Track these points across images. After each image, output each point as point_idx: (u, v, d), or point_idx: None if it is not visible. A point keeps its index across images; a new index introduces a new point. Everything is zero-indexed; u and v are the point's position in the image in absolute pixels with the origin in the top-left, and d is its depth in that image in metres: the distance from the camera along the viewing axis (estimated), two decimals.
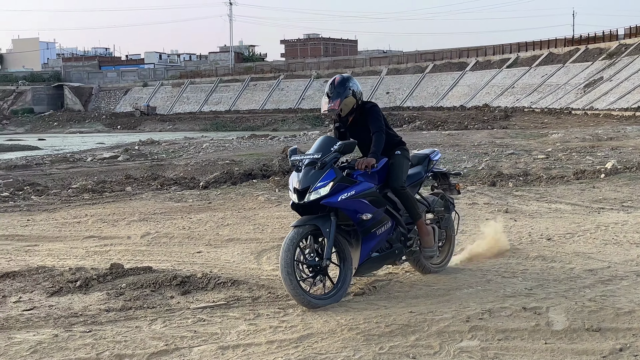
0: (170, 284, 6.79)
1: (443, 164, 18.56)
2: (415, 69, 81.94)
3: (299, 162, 6.18)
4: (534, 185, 13.59)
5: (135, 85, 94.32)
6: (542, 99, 62.75)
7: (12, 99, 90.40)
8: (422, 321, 5.44)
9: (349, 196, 6.04)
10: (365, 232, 6.17)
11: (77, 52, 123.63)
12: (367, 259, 6.26)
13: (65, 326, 5.70)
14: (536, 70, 70.37)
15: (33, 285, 7.01)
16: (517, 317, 5.46)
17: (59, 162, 26.81)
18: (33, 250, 9.07)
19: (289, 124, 65.49)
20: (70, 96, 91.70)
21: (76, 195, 14.23)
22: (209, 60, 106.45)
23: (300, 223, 6.04)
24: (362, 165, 6.21)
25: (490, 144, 25.24)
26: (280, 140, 35.35)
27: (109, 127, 73.89)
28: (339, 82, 6.55)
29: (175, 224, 10.56)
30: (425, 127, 46.95)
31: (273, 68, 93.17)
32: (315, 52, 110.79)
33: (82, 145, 43.23)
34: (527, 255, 7.53)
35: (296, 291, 5.80)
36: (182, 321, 5.76)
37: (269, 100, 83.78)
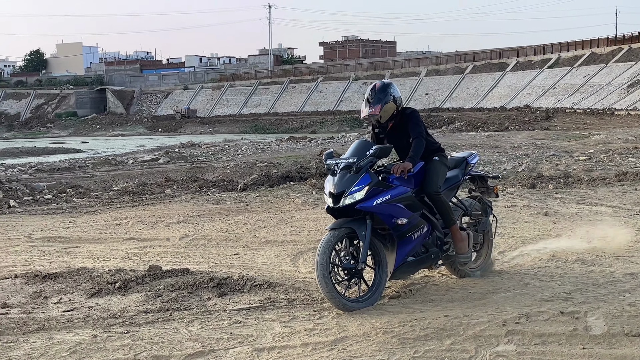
0: (207, 285, 6.85)
1: (482, 166, 18.44)
2: (454, 69, 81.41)
3: (334, 166, 6.19)
4: (575, 188, 13.40)
5: (176, 89, 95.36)
6: (584, 99, 61.82)
7: (56, 103, 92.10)
8: (457, 325, 5.40)
9: (384, 200, 6.03)
10: (400, 236, 6.15)
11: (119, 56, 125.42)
12: (403, 263, 6.24)
13: (104, 327, 5.79)
14: (578, 70, 69.37)
15: (73, 287, 7.14)
16: (554, 322, 5.39)
17: (101, 164, 27.24)
18: (74, 251, 9.23)
19: (328, 126, 65.59)
20: (112, 99, 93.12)
21: (117, 198, 14.44)
22: (249, 63, 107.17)
23: (336, 226, 6.05)
24: (398, 169, 6.18)
25: (530, 146, 24.96)
26: (318, 142, 35.43)
27: (150, 130, 74.86)
28: (380, 88, 6.51)
29: (213, 226, 10.65)
30: (465, 129, 46.55)
31: (312, 70, 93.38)
32: (354, 54, 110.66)
33: (124, 148, 43.89)
34: (566, 259, 7.43)
35: (331, 294, 5.80)
36: (218, 323, 5.81)
37: (308, 102, 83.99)
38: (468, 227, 7.00)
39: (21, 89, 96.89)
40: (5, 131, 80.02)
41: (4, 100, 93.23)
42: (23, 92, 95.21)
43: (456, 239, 6.62)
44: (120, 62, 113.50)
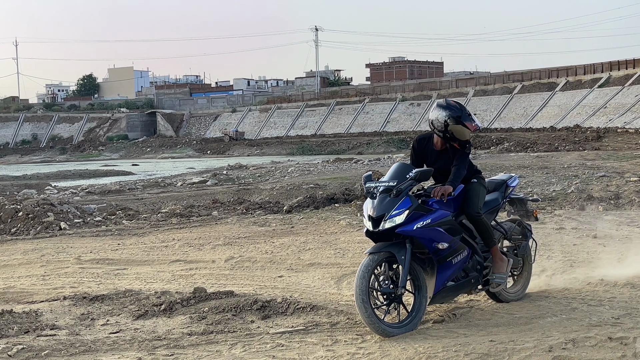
0: (251, 308, 6.88)
1: (531, 187, 18.22)
2: (502, 89, 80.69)
3: (373, 189, 6.14)
4: (626, 209, 13.12)
5: (224, 111, 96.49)
6: (637, 119, 60.56)
7: (107, 126, 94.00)
8: (502, 350, 5.32)
9: (425, 225, 5.98)
10: (440, 260, 6.09)
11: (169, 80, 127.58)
12: (443, 288, 6.18)
13: (148, 349, 5.85)
14: (629, 89, 68.06)
15: (120, 309, 7.23)
16: (602, 348, 5.28)
17: (151, 187, 27.70)
18: (122, 273, 9.38)
19: (374, 147, 65.56)
20: (162, 122, 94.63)
21: (165, 220, 14.63)
22: (296, 85, 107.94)
23: (375, 250, 6.00)
24: (439, 193, 6.14)
25: (580, 166, 24.56)
26: (364, 163, 35.41)
27: (199, 152, 75.80)
28: (464, 106, 6.52)
29: (258, 248, 10.71)
30: (513, 149, 46.08)
31: (358, 92, 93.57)
32: (401, 75, 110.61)
33: (173, 170, 44.51)
34: (615, 283, 7.27)
35: (371, 319, 5.75)
36: (261, 346, 5.83)
37: (354, 123, 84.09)
38: (508, 251, 6.91)
39: (74, 112, 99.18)
40: (59, 154, 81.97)
41: (58, 123, 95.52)
42: (76, 115, 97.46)
43: (496, 257, 6.56)
44: (170, 86, 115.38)
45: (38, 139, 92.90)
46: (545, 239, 10.02)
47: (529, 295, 7.03)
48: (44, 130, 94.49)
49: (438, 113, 6.41)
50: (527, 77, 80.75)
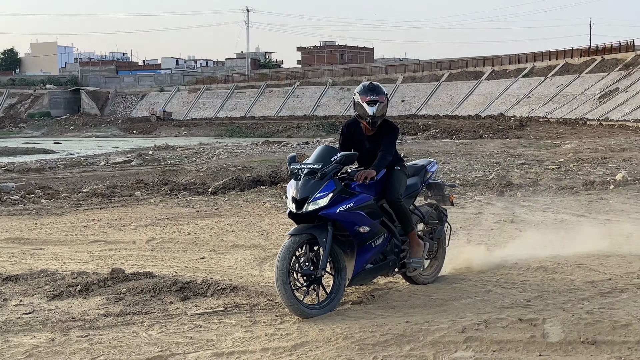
0: (170, 289, 6.81)
1: (454, 173, 18.57)
2: (431, 77, 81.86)
3: (298, 171, 6.13)
4: (543, 196, 13.52)
5: (151, 91, 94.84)
6: (558, 109, 62.47)
7: (29, 103, 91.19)
8: (417, 331, 5.42)
9: (348, 208, 6.01)
10: (361, 243, 6.15)
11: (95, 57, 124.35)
12: (361, 270, 6.24)
13: (62, 330, 5.73)
14: (552, 80, 70.07)
15: (34, 289, 7.05)
16: (513, 329, 5.43)
17: (72, 166, 27.01)
18: (38, 253, 9.13)
19: (304, 131, 65.56)
20: (87, 100, 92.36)
21: (85, 200, 14.32)
22: (226, 66, 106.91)
23: (297, 232, 6.02)
24: (362, 177, 6.17)
25: (502, 154, 25.14)
26: (293, 147, 35.41)
27: (124, 132, 74.36)
28: (377, 85, 6.55)
29: (181, 229, 10.60)
30: (439, 136, 46.84)
31: (289, 75, 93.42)
32: (332, 59, 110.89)
33: (97, 149, 43.54)
34: (528, 266, 7.49)
35: (290, 300, 5.77)
36: (178, 327, 5.78)
37: (284, 106, 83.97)
38: (424, 235, 7.05)
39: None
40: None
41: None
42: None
43: (413, 243, 6.67)
44: (95, 63, 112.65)
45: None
46: (464, 223, 10.25)
47: (446, 278, 7.19)
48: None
49: (353, 95, 6.60)
50: (455, 66, 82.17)
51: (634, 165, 19.04)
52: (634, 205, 11.94)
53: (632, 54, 66.53)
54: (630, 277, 6.97)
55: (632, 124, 46.29)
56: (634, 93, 56.27)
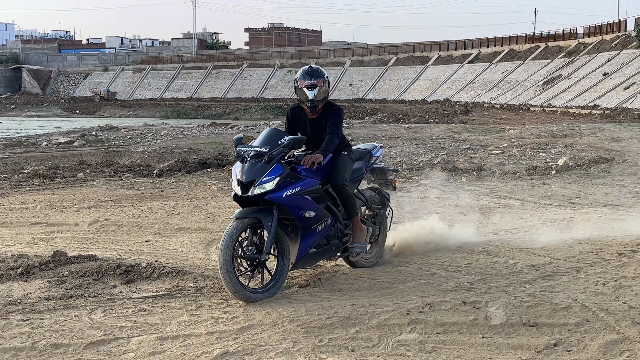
0: (113, 272, 6.71)
1: (400, 157, 18.71)
2: (378, 61, 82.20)
3: (244, 153, 6.07)
4: (486, 180, 13.73)
5: (95, 70, 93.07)
6: (502, 94, 63.44)
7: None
8: (363, 314, 5.46)
9: (294, 193, 5.99)
10: (305, 228, 6.13)
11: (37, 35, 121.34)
12: (305, 254, 6.24)
13: (2, 314, 5.60)
14: (497, 66, 71.10)
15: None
16: (456, 311, 5.52)
17: (13, 146, 26.30)
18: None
19: (251, 113, 65.21)
20: (28, 79, 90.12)
21: (26, 181, 13.97)
22: (172, 46, 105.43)
23: (242, 215, 5.95)
24: (309, 162, 6.14)
25: (447, 139, 25.41)
26: (240, 129, 35.16)
27: (67, 112, 72.77)
28: (316, 68, 6.54)
29: (125, 212, 10.44)
30: (387, 120, 47.10)
31: (236, 56, 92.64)
32: (280, 41, 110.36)
33: (39, 129, 42.49)
34: (472, 250, 7.61)
35: (235, 288, 5.74)
36: (122, 311, 5.71)
37: (232, 88, 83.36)
38: (367, 219, 7.08)
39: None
40: None
41: None
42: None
43: (356, 228, 6.68)
44: (37, 41, 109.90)
45: None
46: (409, 206, 10.33)
47: (391, 261, 7.24)
48: None
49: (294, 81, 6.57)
50: (402, 50, 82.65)
51: (576, 151, 19.46)
52: (575, 190, 12.22)
53: (575, 41, 67.94)
54: (570, 261, 7.13)
55: (574, 110, 47.35)
56: (576, 80, 57.50)
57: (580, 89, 54.93)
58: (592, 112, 44.77)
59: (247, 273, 6.01)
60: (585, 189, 12.34)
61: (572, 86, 56.81)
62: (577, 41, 67.81)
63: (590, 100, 50.49)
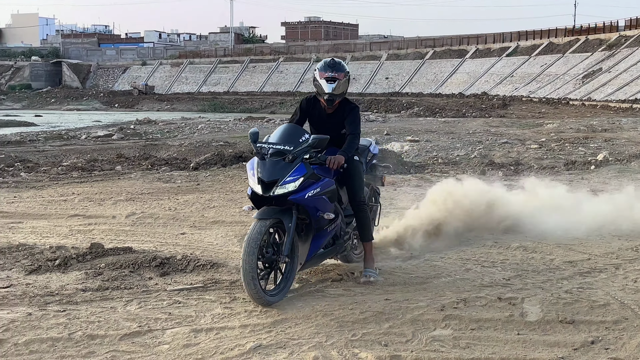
0: (149, 265, 6.77)
1: (437, 151, 18.59)
2: (415, 55, 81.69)
3: (264, 150, 5.80)
4: (524, 175, 13.55)
5: (134, 64, 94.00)
6: (541, 88, 62.64)
7: (9, 75, 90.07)
8: (396, 309, 5.44)
9: (315, 193, 5.76)
10: (319, 229, 5.91)
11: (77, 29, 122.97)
12: (314, 255, 6.00)
13: (40, 305, 5.68)
14: (536, 59, 70.19)
15: (12, 263, 6.99)
16: (491, 307, 5.46)
17: (53, 139, 26.76)
18: (17, 227, 9.03)
19: (287, 107, 65.26)
20: (68, 73, 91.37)
21: (65, 173, 14.17)
22: (209, 40, 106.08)
23: (264, 216, 5.66)
24: (334, 164, 5.90)
25: (485, 133, 25.21)
26: (275, 122, 35.26)
27: (106, 105, 73.69)
28: (338, 62, 6.33)
29: (162, 204, 10.53)
30: (422, 114, 46.89)
31: (273, 50, 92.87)
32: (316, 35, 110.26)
33: (79, 123, 43.12)
34: (508, 245, 7.52)
35: (258, 295, 5.50)
36: (157, 303, 5.75)
37: (268, 82, 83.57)
38: None
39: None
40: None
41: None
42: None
43: (370, 256, 6.41)
44: (77, 35, 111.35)
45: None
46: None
47: (424, 256, 7.17)
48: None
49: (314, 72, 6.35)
50: (439, 44, 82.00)
51: (615, 145, 19.15)
52: (615, 185, 11.99)
53: (616, 34, 66.74)
54: (609, 257, 7.02)
55: (614, 104, 46.57)
56: (617, 74, 56.53)
57: (621, 83, 54.00)
58: (632, 106, 44.00)
59: (264, 276, 5.72)
60: (625, 183, 12.09)
61: (612, 80, 55.87)
62: (618, 34, 66.58)
63: (631, 94, 49.61)
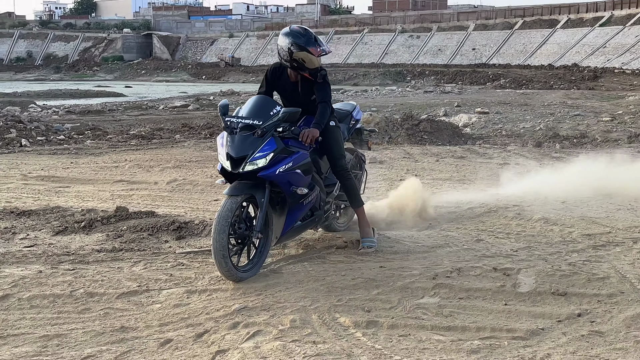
0: (167, 228, 6.99)
1: (503, 124, 18.22)
2: (503, 25, 79.54)
3: (233, 124, 5.58)
4: (583, 148, 13.15)
5: (221, 36, 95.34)
6: (635, 60, 59.98)
7: (103, 46, 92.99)
8: (389, 276, 5.45)
9: (287, 168, 5.56)
10: (294, 202, 5.74)
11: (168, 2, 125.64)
12: (290, 228, 5.84)
13: (53, 263, 5.97)
14: (630, 29, 67.14)
15: (43, 224, 7.35)
16: (485, 277, 5.40)
17: (132, 109, 27.59)
18: (63, 191, 9.45)
19: (370, 79, 64.86)
20: (158, 45, 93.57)
21: (125, 141, 14.66)
22: (296, 12, 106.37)
23: (235, 192, 5.46)
24: (308, 138, 5.70)
25: (560, 105, 24.47)
26: (349, 94, 35.23)
27: (194, 77, 75.15)
28: (309, 31, 6.02)
29: (205, 172, 10.76)
30: (508, 86, 45.67)
31: (358, 21, 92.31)
32: (404, 5, 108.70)
33: (166, 94, 44.20)
34: (531, 217, 7.34)
35: (230, 272, 5.36)
36: (162, 264, 5.95)
37: (352, 54, 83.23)
38: None
39: (70, 31, 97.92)
40: (53, 73, 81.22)
41: (53, 42, 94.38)
42: (71, 34, 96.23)
43: (364, 223, 6.28)
44: (168, 8, 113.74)
45: (33, 56, 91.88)
46: (485, 172, 10.04)
47: (441, 226, 7.10)
48: (39, 48, 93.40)
49: (282, 41, 5.94)
50: (529, 13, 79.53)
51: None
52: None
53: None
54: (631, 231, 6.77)
55: None
56: None
57: None
58: None
59: (237, 251, 5.57)
60: None
61: None
62: None
63: None
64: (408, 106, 24.77)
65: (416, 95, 33.28)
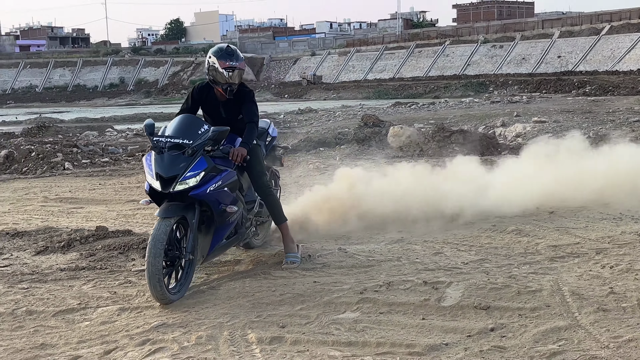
0: (137, 247, 7.13)
1: (548, 132, 17.68)
2: (590, 30, 77.12)
3: (161, 144, 5.55)
4: None
5: (304, 55, 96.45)
6: None
7: (191, 70, 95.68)
8: (318, 291, 5.39)
9: (216, 187, 5.58)
10: (221, 221, 5.73)
11: (254, 24, 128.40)
12: (216, 247, 5.84)
13: (12, 283, 6.18)
14: None
15: (30, 244, 7.64)
16: (412, 291, 5.27)
17: None
18: (75, 212, 9.78)
19: (451, 91, 64.19)
20: None
21: None
22: (378, 27, 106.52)
23: (168, 214, 5.40)
24: (238, 158, 5.76)
25: (626, 111, 23.52)
26: (418, 107, 34.96)
27: (276, 96, 76.27)
28: (233, 48, 6.12)
29: None
30: (594, 93, 44.25)
31: (439, 34, 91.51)
32: (489, 16, 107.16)
33: None
34: (504, 229, 7.10)
35: (163, 295, 5.30)
36: (111, 282, 6.08)
37: (434, 66, 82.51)
38: None
39: (159, 57, 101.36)
40: (143, 97, 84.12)
41: (144, 67, 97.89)
42: (161, 59, 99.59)
43: (288, 239, 6.29)
44: (253, 30, 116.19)
45: (125, 82, 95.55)
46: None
47: (410, 239, 6.95)
48: (130, 74, 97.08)
49: (207, 57, 6.09)
50: (617, 17, 76.83)
51: None
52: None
53: None
54: (600, 242, 6.45)
55: None
56: None
57: None
58: None
59: (166, 273, 5.46)
60: None
61: None
62: None
63: None
64: (467, 117, 24.40)
65: (482, 106, 32.72)
